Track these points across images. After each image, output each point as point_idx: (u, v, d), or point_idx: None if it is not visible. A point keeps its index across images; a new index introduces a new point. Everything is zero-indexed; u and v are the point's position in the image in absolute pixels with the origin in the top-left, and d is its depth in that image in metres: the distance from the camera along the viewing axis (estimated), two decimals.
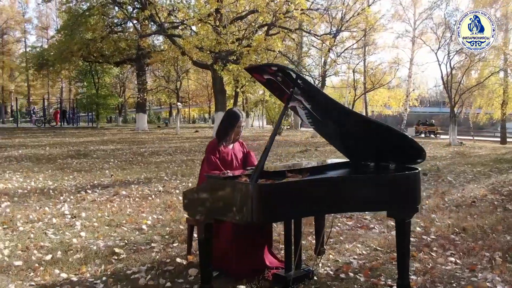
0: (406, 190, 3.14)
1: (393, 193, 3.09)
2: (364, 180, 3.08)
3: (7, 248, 4.14)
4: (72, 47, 26.17)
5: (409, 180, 3.15)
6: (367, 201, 3.03)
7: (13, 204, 6.11)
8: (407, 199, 3.15)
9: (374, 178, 3.16)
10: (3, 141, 18.56)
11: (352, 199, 2.98)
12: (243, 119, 3.91)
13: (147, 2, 21.60)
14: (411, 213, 3.21)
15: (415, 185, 3.20)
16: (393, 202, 3.11)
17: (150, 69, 34.42)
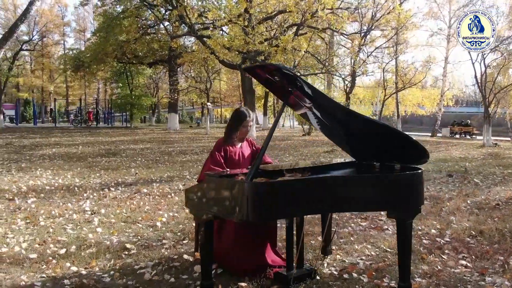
0: (406, 191, 3.10)
1: (393, 193, 3.06)
2: (361, 180, 3.06)
3: (26, 242, 4.34)
4: (107, 49, 26.96)
5: (410, 181, 3.11)
6: (365, 201, 3.01)
7: (39, 200, 6.37)
8: (408, 200, 3.11)
9: (372, 178, 3.14)
10: (40, 140, 19.30)
11: (349, 199, 2.97)
12: (251, 119, 3.92)
13: (178, 3, 21.99)
14: (412, 214, 3.16)
15: (417, 185, 3.15)
16: (393, 203, 3.08)
17: (182, 69, 34.92)
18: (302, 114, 3.88)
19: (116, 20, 27.45)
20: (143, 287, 3.32)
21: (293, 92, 3.07)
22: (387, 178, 3.15)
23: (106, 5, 28.34)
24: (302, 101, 3.41)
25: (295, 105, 3.65)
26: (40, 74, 43.65)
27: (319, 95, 3.29)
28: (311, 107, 3.49)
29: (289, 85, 3.00)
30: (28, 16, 12.60)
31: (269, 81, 3.20)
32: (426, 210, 5.95)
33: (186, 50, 26.10)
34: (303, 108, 3.64)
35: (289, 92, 3.07)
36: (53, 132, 26.08)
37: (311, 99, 3.29)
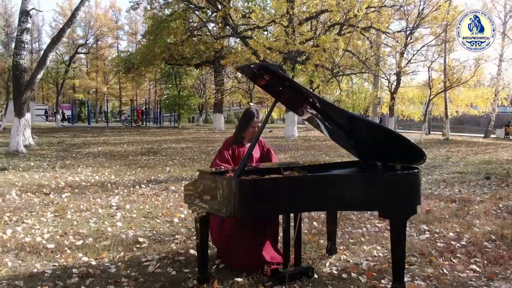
0: (400, 191, 3.05)
1: (385, 193, 3.02)
2: (351, 179, 3.05)
3: (49, 233, 4.63)
4: (155, 51, 27.83)
5: (403, 180, 3.07)
6: (355, 201, 2.99)
7: (72, 195, 6.74)
8: (402, 200, 3.07)
9: (363, 177, 3.12)
10: (90, 138, 20.28)
11: (339, 198, 2.96)
12: (259, 120, 3.96)
13: (222, 5, 22.36)
14: (406, 215, 3.11)
15: (412, 185, 3.10)
16: (385, 203, 3.04)
17: (227, 70, 35.43)
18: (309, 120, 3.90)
19: (164, 23, 28.28)
20: (143, 278, 3.47)
21: (284, 91, 3.10)
22: (379, 177, 3.12)
23: (154, 9, 29.22)
24: (307, 107, 3.44)
25: (297, 109, 3.69)
26: (94, 76, 45.74)
27: (322, 101, 3.31)
28: (317, 114, 3.52)
29: (278, 84, 3.04)
30: (74, 21, 13.23)
31: (262, 81, 3.25)
32: (451, 213, 5.77)
33: (231, 51, 26.45)
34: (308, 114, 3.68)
35: (280, 91, 3.11)
36: (104, 131, 27.27)
37: (314, 105, 3.31)
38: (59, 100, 34.01)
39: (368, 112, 32.79)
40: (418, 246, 4.34)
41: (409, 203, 3.10)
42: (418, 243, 4.47)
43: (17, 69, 14.09)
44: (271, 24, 22.29)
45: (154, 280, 3.43)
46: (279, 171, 3.33)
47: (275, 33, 21.29)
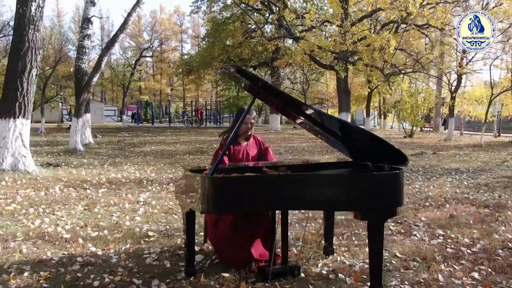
0: (377, 191, 3.01)
1: (361, 193, 3.00)
2: (325, 178, 3.04)
3: (72, 224, 5.00)
4: (214, 53, 28.58)
5: (380, 181, 3.02)
6: (330, 200, 2.99)
7: (108, 190, 7.18)
8: (378, 201, 3.02)
9: (337, 177, 3.10)
10: (149, 138, 21.22)
11: (313, 197, 2.98)
12: (252, 117, 4.05)
13: (277, 7, 22.51)
14: (383, 216, 3.07)
15: (390, 186, 3.05)
16: (362, 203, 3.01)
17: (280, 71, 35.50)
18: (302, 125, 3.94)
19: (222, 25, 28.98)
20: (138, 269, 3.67)
21: (261, 92, 3.17)
22: (354, 177, 3.10)
23: (213, 12, 30.01)
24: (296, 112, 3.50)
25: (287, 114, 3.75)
26: (159, 78, 47.70)
27: (305, 106, 3.35)
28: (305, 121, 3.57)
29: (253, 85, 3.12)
30: (127, 27, 13.96)
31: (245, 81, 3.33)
32: (478, 219, 5.49)
33: (286, 52, 26.55)
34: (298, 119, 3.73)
35: (258, 93, 3.18)
36: (165, 131, 28.38)
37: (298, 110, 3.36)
38: (125, 101, 35.80)
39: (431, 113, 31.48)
40: (424, 251, 4.20)
41: (387, 205, 3.04)
42: (427, 247, 4.33)
43: (79, 72, 15.13)
44: (326, 24, 22.14)
45: (147, 271, 3.62)
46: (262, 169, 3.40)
47: (329, 32, 21.13)
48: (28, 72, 8.11)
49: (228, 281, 3.40)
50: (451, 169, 10.14)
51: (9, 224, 4.95)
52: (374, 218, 3.03)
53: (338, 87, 21.61)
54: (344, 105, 20.80)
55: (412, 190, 7.43)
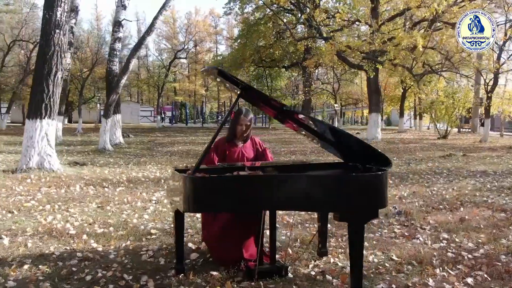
0: (359, 193, 2.99)
1: (341, 194, 2.98)
2: (303, 179, 3.04)
3: (82, 221, 5.20)
4: (245, 54, 28.78)
5: (360, 183, 3.01)
6: (310, 201, 2.99)
7: (125, 189, 7.40)
8: (358, 202, 3.00)
9: (316, 178, 3.09)
10: (179, 138, 21.63)
11: (293, 198, 2.99)
12: (247, 119, 4.08)
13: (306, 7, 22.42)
14: (363, 218, 3.04)
15: (371, 188, 3.02)
16: (342, 204, 3.00)
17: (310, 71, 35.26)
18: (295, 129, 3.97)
19: (254, 26, 29.14)
20: (131, 265, 3.78)
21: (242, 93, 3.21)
22: (332, 178, 3.09)
23: (245, 13, 30.22)
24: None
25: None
26: (193, 79, 48.41)
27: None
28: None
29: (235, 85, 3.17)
30: (153, 29, 14.28)
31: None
32: (490, 223, 5.32)
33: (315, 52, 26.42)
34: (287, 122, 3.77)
35: (240, 94, 3.23)
36: (197, 132, 28.81)
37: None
38: (160, 102, 36.58)
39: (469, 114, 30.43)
40: (423, 255, 4.12)
41: (367, 206, 3.02)
42: (427, 251, 4.24)
43: (110, 74, 15.60)
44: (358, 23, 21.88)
45: (140, 267, 3.73)
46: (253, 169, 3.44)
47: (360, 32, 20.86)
48: (54, 74, 8.46)
49: (215, 279, 3.46)
50: (477, 172, 9.82)
51: (23, 219, 5.20)
52: (354, 219, 3.01)
53: (368, 87, 21.28)
54: (375, 105, 20.47)
55: (428, 193, 7.26)
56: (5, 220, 5.16)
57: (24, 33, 29.04)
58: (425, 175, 9.32)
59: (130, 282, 3.43)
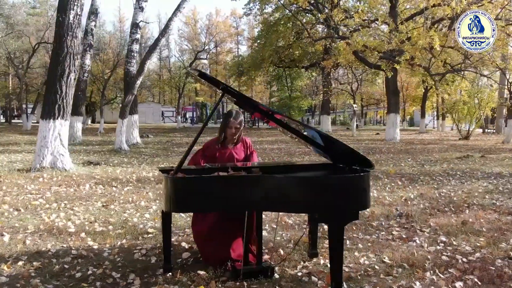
0: (336, 194, 2.98)
1: (319, 195, 2.97)
2: (282, 180, 3.05)
3: (83, 220, 5.31)
4: (264, 55, 28.79)
5: (340, 184, 2.99)
6: (288, 202, 3.00)
7: (133, 188, 7.51)
8: (338, 203, 2.99)
9: (294, 179, 3.09)
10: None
11: (272, 199, 3.01)
12: (237, 121, 4.08)
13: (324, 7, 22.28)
14: (342, 219, 3.03)
15: (351, 189, 3.01)
16: (319, 205, 2.99)
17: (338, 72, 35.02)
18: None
19: (273, 27, 29.13)
20: (122, 263, 3.85)
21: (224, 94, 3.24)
22: (311, 180, 3.08)
23: (264, 14, 30.23)
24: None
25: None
26: None
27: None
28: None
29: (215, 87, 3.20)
30: (168, 31, 14.44)
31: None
32: (494, 227, 5.20)
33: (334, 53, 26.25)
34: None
35: (222, 95, 3.26)
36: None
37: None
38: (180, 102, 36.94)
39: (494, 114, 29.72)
40: (416, 258, 4.07)
41: (346, 208, 3.00)
42: (422, 254, 4.18)
43: (127, 75, 15.85)
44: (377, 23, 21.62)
45: (130, 266, 3.80)
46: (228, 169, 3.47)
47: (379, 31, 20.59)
48: (67, 76, 8.67)
49: (201, 278, 3.50)
50: (492, 174, 9.60)
51: (28, 217, 5.35)
52: (332, 221, 3.00)
53: (387, 87, 21.04)
54: (393, 105, 20.20)
55: (436, 195, 7.14)
56: (11, 218, 5.32)
57: (49, 35, 29.73)
58: (437, 176, 9.16)
59: (118, 280, 3.50)
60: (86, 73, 18.28)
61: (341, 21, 21.48)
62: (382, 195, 7.11)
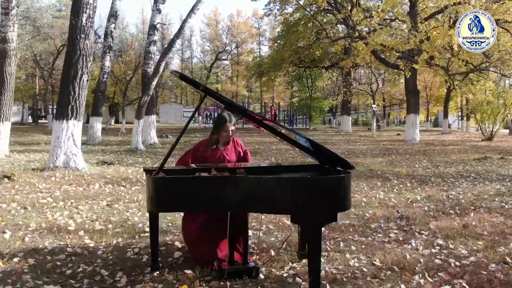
0: (312, 195, 2.98)
1: (295, 196, 2.98)
2: (258, 181, 3.05)
3: (85, 218, 5.43)
4: (283, 55, 28.75)
5: (314, 185, 2.98)
6: (263, 203, 3.01)
7: (140, 187, 7.63)
8: (313, 205, 2.98)
9: (269, 180, 3.09)
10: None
11: (250, 199, 3.03)
12: (232, 124, 4.11)
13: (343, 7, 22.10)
14: (319, 221, 3.02)
15: (328, 191, 3.00)
16: (295, 206, 2.99)
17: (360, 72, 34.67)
18: None
19: (293, 27, 29.06)
20: (113, 261, 3.93)
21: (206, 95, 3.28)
22: (288, 180, 3.08)
23: (284, 14, 30.18)
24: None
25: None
26: (235, 80, 48.93)
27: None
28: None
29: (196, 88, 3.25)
30: (182, 33, 14.58)
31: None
32: (498, 230, 5.08)
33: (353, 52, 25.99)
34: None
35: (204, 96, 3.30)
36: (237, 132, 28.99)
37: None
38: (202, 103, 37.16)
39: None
40: (408, 261, 4.02)
41: (322, 209, 3.00)
42: (415, 257, 4.13)
43: (145, 76, 16.07)
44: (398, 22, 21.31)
45: (121, 264, 3.88)
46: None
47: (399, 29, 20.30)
48: (80, 78, 8.87)
49: (187, 277, 3.55)
50: (507, 176, 9.35)
51: (33, 215, 5.51)
52: (308, 222, 3.00)
53: (406, 87, 20.71)
54: (412, 105, 19.88)
55: (443, 197, 7.01)
56: (17, 216, 5.49)
57: None
58: (449, 178, 8.99)
59: (105, 278, 3.58)
60: (106, 74, 18.61)
61: (361, 20, 21.24)
62: (388, 197, 7.03)
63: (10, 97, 11.17)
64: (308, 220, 2.99)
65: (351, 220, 5.53)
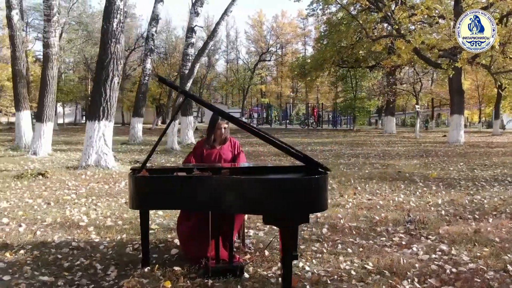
0: (284, 196, 2.99)
1: (267, 197, 3.00)
2: (233, 181, 3.10)
3: (99, 215, 5.69)
4: (325, 55, 28.50)
5: (286, 187, 3.00)
6: (238, 203, 3.07)
7: None
8: (286, 206, 2.99)
9: (244, 181, 3.12)
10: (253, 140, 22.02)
11: (225, 199, 3.09)
12: (224, 121, 4.22)
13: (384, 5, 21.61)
14: (291, 222, 3.03)
15: (302, 192, 3.00)
16: (267, 207, 3.02)
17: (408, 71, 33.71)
18: None
19: (336, 27, 28.74)
20: (111, 256, 4.11)
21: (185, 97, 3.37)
22: (257, 181, 3.11)
23: (326, 14, 29.91)
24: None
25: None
26: (279, 81, 48.98)
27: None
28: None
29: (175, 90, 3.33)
30: (216, 35, 14.81)
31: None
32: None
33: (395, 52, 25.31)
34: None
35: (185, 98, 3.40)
36: (277, 133, 29.08)
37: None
38: (245, 104, 37.61)
39: None
40: (402, 265, 3.93)
41: (295, 211, 3.00)
42: (410, 262, 4.02)
43: (182, 78, 16.47)
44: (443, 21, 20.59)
45: (117, 259, 4.04)
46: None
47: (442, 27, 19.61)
48: (111, 80, 9.26)
49: (173, 274, 3.65)
50: None
51: (53, 211, 5.83)
52: (281, 223, 3.02)
53: (450, 86, 19.95)
54: (457, 106, 19.14)
55: (466, 201, 6.74)
56: (38, 211, 5.83)
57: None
58: (481, 182, 8.61)
59: (98, 271, 3.75)
60: (147, 77, 19.21)
61: (403, 19, 20.68)
62: (407, 200, 6.85)
63: (53, 99, 11.82)
64: (278, 221, 3.01)
65: (359, 222, 5.45)
